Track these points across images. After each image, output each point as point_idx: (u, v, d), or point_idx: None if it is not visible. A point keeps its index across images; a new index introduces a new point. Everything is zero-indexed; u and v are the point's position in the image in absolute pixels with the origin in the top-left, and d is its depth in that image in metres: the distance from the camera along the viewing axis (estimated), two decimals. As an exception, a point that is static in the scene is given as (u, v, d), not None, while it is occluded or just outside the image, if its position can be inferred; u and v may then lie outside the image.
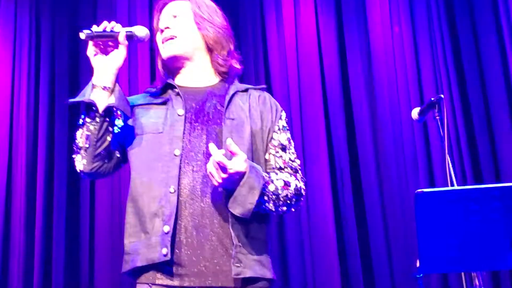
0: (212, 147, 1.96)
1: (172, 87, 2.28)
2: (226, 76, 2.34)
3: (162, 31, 2.32)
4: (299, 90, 4.77)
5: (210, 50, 2.33)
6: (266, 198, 2.08)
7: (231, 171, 1.95)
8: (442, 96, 3.06)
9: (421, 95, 4.54)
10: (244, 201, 2.01)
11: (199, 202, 2.06)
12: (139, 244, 2.08)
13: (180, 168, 2.09)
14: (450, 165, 2.86)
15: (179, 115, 2.18)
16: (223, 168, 1.95)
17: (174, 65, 2.33)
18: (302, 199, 2.23)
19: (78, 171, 2.19)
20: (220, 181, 1.97)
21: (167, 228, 2.02)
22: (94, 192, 4.79)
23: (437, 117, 3.01)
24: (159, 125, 2.17)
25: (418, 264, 2.17)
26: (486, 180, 4.25)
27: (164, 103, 2.24)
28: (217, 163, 1.94)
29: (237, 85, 2.32)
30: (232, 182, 1.99)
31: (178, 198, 2.05)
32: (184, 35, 2.29)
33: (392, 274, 4.28)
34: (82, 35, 2.12)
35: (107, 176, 2.25)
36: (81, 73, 5.08)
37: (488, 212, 2.04)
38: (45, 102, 4.99)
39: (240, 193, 2.00)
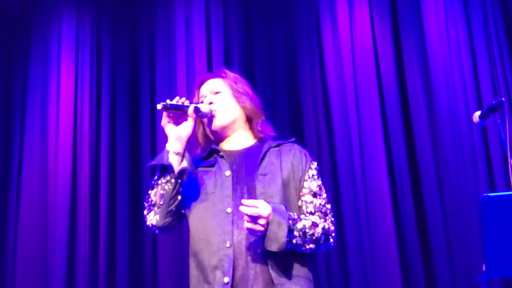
0: (241, 206, 2.23)
1: (217, 151, 2.58)
2: (262, 138, 2.62)
3: None
4: (356, 94, 4.79)
5: (248, 119, 2.66)
6: (295, 233, 2.29)
7: (257, 214, 2.21)
8: (503, 99, 3.06)
9: (479, 98, 4.51)
10: (276, 237, 2.24)
11: (245, 254, 2.31)
12: None
13: (232, 224, 2.35)
14: (514, 169, 2.85)
15: (226, 176, 2.46)
16: (256, 218, 2.22)
17: (219, 135, 2.64)
18: (331, 240, 2.43)
19: (150, 225, 2.47)
20: (261, 228, 2.23)
21: (227, 279, 2.28)
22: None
23: (499, 121, 3.01)
24: (210, 186, 2.46)
25: (484, 268, 2.19)
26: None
27: (212, 165, 2.54)
28: (248, 215, 2.22)
29: (269, 143, 2.59)
30: (265, 229, 2.24)
31: (233, 252, 2.30)
32: (227, 108, 2.61)
33: (453, 277, 4.25)
34: (159, 106, 2.44)
35: (173, 229, 2.53)
36: (142, 79, 5.25)
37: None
38: (106, 111, 5.20)
39: (271, 230, 2.24)
